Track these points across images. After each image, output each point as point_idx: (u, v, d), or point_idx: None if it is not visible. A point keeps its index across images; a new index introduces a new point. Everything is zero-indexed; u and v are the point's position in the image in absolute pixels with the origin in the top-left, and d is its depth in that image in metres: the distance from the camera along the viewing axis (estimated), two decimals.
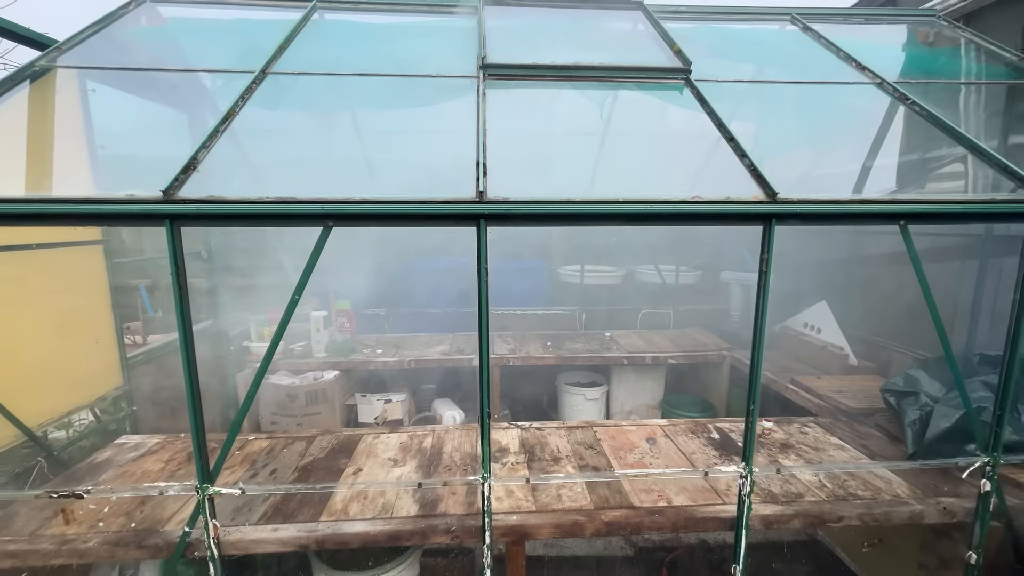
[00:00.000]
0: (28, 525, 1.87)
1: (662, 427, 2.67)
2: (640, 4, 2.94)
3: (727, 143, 1.90)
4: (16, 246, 2.23)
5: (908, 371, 2.54)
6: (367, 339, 4.32)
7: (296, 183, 1.67)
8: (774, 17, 3.07)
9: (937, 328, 1.77)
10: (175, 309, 1.54)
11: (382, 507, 1.97)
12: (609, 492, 2.07)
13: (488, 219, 1.57)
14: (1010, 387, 1.80)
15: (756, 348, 1.72)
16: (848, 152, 3.83)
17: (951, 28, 3.05)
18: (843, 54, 2.59)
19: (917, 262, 1.71)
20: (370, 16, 2.91)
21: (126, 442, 2.55)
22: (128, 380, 2.79)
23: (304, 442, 2.53)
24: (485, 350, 1.65)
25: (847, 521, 1.95)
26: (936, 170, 3.34)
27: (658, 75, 2.31)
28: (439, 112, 2.32)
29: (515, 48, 2.48)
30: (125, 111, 2.41)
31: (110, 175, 2.22)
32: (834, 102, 2.66)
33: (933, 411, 2.24)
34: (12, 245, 2.23)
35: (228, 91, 2.19)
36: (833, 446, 2.48)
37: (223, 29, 2.78)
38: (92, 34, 2.41)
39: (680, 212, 1.60)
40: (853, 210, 1.65)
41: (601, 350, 4.18)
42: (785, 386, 3.37)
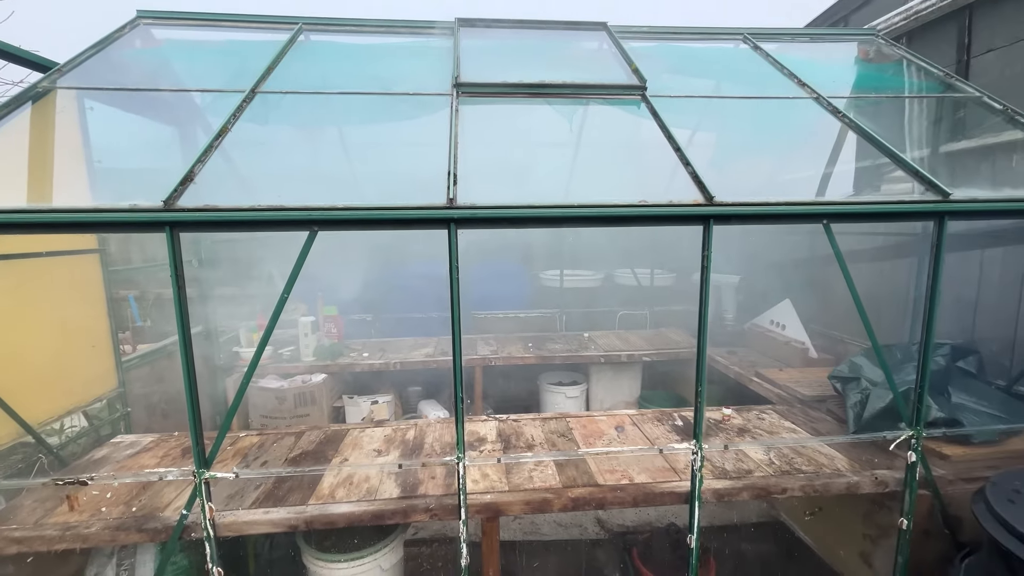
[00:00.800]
0: (32, 515, 1.99)
1: (631, 416, 2.86)
2: (603, 25, 3.18)
3: (674, 152, 2.12)
4: (18, 255, 2.37)
5: (852, 359, 2.77)
6: (354, 343, 4.47)
7: (284, 192, 1.85)
8: (728, 36, 3.34)
9: (861, 316, 1.99)
10: (175, 309, 1.70)
11: (367, 491, 2.13)
12: (577, 473, 2.25)
13: (458, 223, 1.76)
14: (927, 367, 2.02)
15: (701, 336, 1.92)
16: (805, 159, 4.12)
17: (889, 46, 3.34)
18: (787, 71, 2.84)
19: (840, 257, 1.93)
20: (353, 37, 3.12)
21: (122, 441, 2.67)
22: (123, 383, 2.91)
23: (293, 437, 2.68)
24: (458, 343, 1.83)
25: (790, 492, 2.15)
26: (889, 174, 3.61)
27: (617, 92, 2.53)
28: (417, 126, 2.51)
29: (487, 67, 2.69)
30: (121, 128, 2.57)
31: (107, 187, 2.37)
32: (783, 115, 2.91)
33: (871, 394, 2.47)
34: (14, 254, 2.36)
35: (220, 109, 2.37)
36: (786, 429, 2.69)
37: (214, 50, 2.96)
38: (90, 56, 2.57)
39: (628, 215, 1.81)
40: (781, 211, 1.87)
41: (579, 350, 4.37)
42: (750, 379, 3.59)
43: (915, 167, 2.06)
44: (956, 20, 3.38)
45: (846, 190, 4.02)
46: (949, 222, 1.94)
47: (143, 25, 2.90)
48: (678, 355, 4.31)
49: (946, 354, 2.60)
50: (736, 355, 4.11)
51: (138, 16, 2.92)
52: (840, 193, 4.06)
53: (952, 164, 3.21)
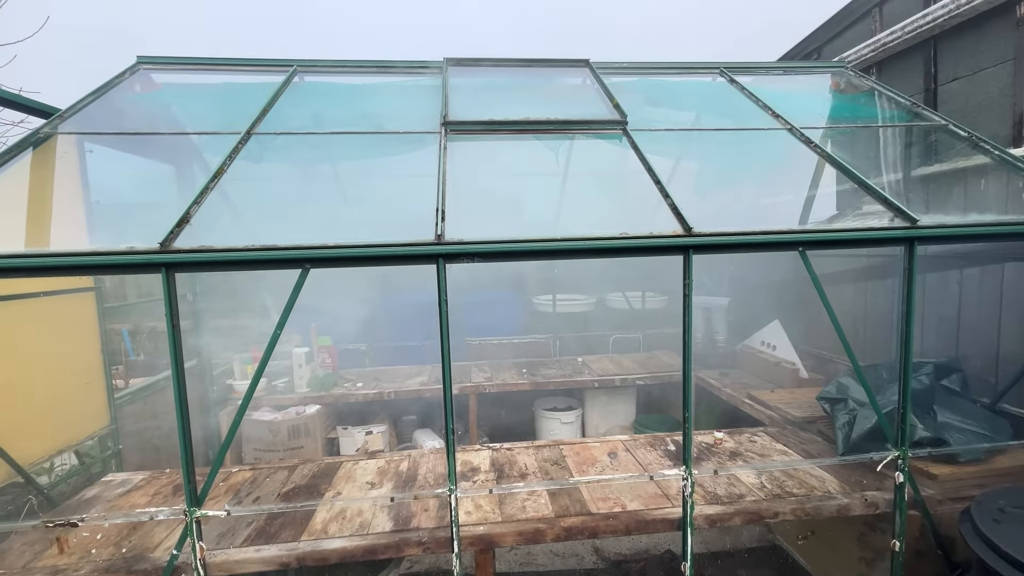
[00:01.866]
0: (21, 559, 1.97)
1: (623, 442, 2.88)
2: (586, 62, 3.32)
3: (654, 185, 2.21)
4: (15, 296, 2.40)
5: (839, 379, 2.81)
6: (348, 373, 4.48)
7: (278, 231, 1.91)
8: (705, 70, 3.49)
9: (840, 339, 2.05)
10: (169, 347, 1.74)
11: (359, 525, 2.12)
12: (570, 502, 2.25)
13: (446, 258, 1.82)
14: (908, 387, 2.06)
15: (686, 362, 1.97)
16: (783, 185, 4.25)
17: (858, 77, 3.50)
18: (762, 103, 2.97)
19: (817, 282, 2.00)
20: (346, 77, 3.24)
21: (113, 479, 2.65)
22: (115, 420, 2.91)
23: (286, 471, 2.67)
24: (447, 374, 1.87)
25: (782, 516, 2.16)
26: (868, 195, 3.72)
27: (599, 127, 2.64)
28: (407, 162, 2.61)
29: (475, 105, 2.81)
30: (121, 169, 2.65)
31: (105, 228, 2.43)
32: (760, 145, 3.03)
33: (858, 414, 2.50)
34: (11, 295, 2.40)
35: (217, 148, 2.45)
36: (778, 452, 2.71)
37: (211, 93, 3.07)
38: (91, 101, 2.67)
39: (612, 247, 1.88)
40: (758, 240, 1.94)
41: (573, 374, 4.40)
42: (742, 401, 3.61)
43: (884, 195, 2.15)
44: (922, 51, 3.56)
45: (829, 211, 4.15)
46: (921, 246, 2.02)
47: (143, 70, 3.01)
48: (672, 378, 4.34)
49: (930, 373, 2.65)
50: (728, 377, 4.14)
51: (138, 62, 3.03)
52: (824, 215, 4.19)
53: (923, 188, 3.33)
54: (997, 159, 2.59)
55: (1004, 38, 2.97)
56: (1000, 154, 2.57)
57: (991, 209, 2.80)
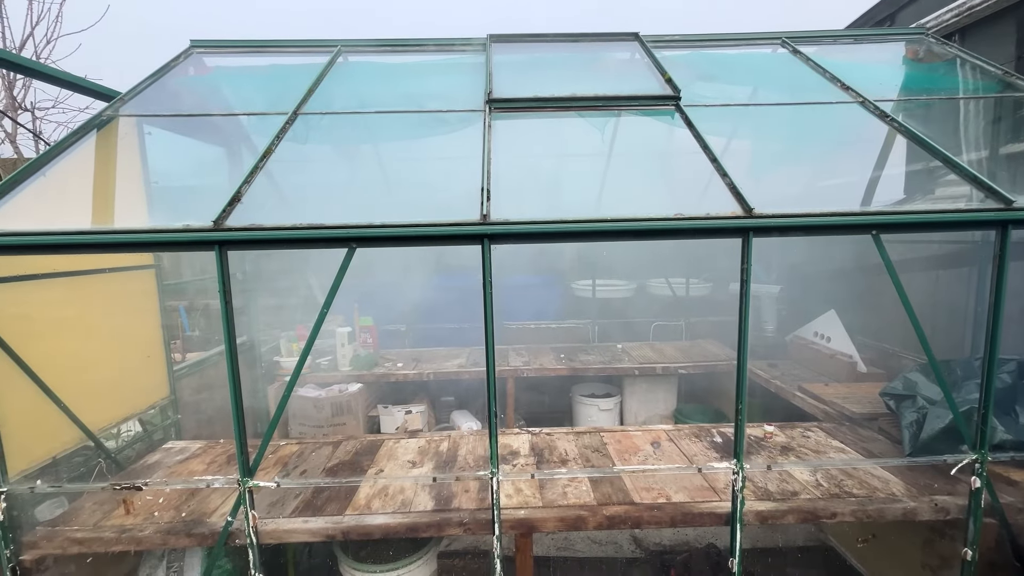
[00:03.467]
0: (92, 517, 2.11)
1: (667, 432, 2.79)
2: (635, 35, 3.16)
3: (711, 163, 2.07)
4: (83, 271, 2.54)
5: (907, 375, 2.61)
6: (389, 353, 4.55)
7: (324, 210, 1.92)
8: (765, 41, 3.25)
9: (917, 332, 1.88)
10: (222, 322, 1.78)
11: (401, 503, 2.15)
12: (612, 490, 2.21)
13: (491, 238, 1.78)
14: (992, 385, 1.88)
15: (741, 351, 1.86)
16: (848, 164, 3.95)
17: (940, 45, 3.17)
18: (829, 75, 2.74)
19: (892, 269, 1.83)
20: (389, 56, 3.22)
21: (172, 446, 2.80)
22: (174, 391, 3.07)
23: (331, 447, 2.74)
24: (491, 357, 1.84)
25: (840, 517, 2.04)
26: (943, 177, 3.41)
27: (650, 103, 2.51)
28: (451, 141, 2.56)
29: (519, 82, 2.72)
30: (176, 151, 2.73)
31: (163, 207, 2.52)
32: (825, 120, 2.80)
33: (928, 413, 2.32)
34: (79, 271, 2.54)
35: (265, 130, 2.48)
36: (834, 449, 2.56)
37: (260, 75, 3.12)
38: (148, 84, 2.76)
39: (665, 228, 1.78)
40: (825, 222, 1.79)
41: (613, 361, 4.31)
42: (793, 393, 3.44)
43: (972, 172, 1.94)
44: (1015, 15, 3.19)
45: (896, 195, 3.83)
46: (1013, 231, 1.81)
47: (196, 54, 3.09)
48: (715, 368, 4.18)
49: (1012, 371, 2.41)
50: (777, 368, 3.95)
51: (191, 46, 3.11)
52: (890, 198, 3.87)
53: (1013, 167, 3.01)
54: None
55: None
56: None
57: None
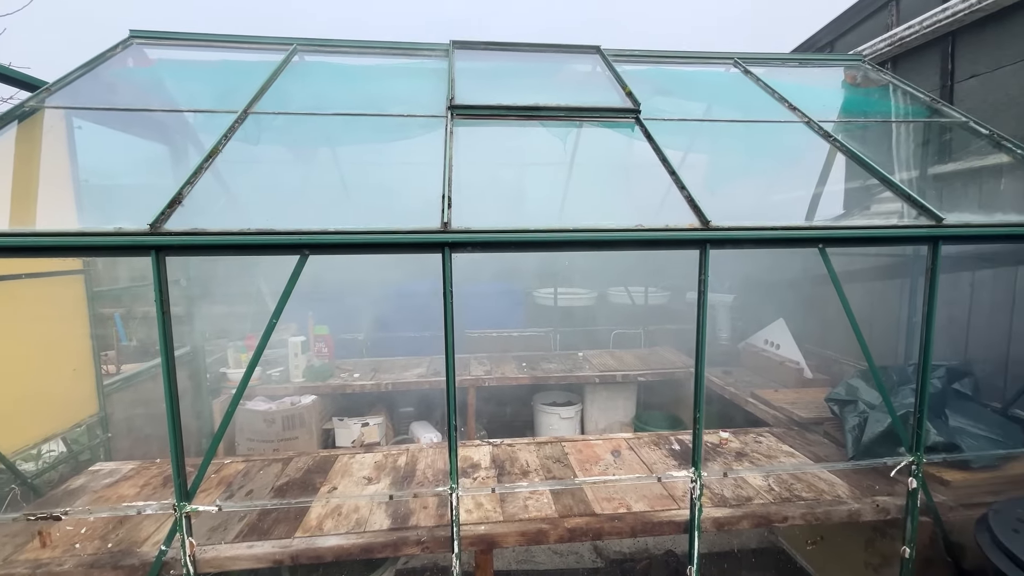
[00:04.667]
0: (2, 551, 1.89)
1: (627, 440, 2.81)
2: (597, 48, 3.22)
3: (669, 176, 2.12)
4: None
5: (849, 381, 2.75)
6: (345, 363, 4.39)
7: (275, 214, 1.82)
8: (719, 60, 3.39)
9: (859, 340, 1.98)
10: (158, 335, 1.65)
11: (356, 522, 2.05)
12: (573, 502, 2.19)
13: (452, 247, 1.73)
14: (926, 391, 2.00)
15: (699, 361, 1.90)
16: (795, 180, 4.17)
17: (875, 71, 3.41)
18: (777, 95, 2.88)
19: (836, 280, 1.93)
20: (348, 58, 3.12)
21: (100, 469, 2.57)
22: (104, 407, 2.82)
23: (280, 464, 2.59)
24: (451, 368, 1.79)
25: (792, 521, 2.10)
26: (878, 195, 3.64)
27: (611, 115, 2.54)
28: (411, 146, 2.50)
29: (482, 89, 2.70)
30: (111, 147, 2.54)
31: (95, 208, 2.32)
32: (774, 137, 2.94)
33: (869, 417, 2.44)
34: None
35: (212, 128, 2.34)
36: (784, 453, 2.65)
37: (208, 70, 2.95)
38: (81, 75, 2.54)
39: (624, 239, 1.79)
40: (777, 235, 1.86)
41: (574, 369, 4.33)
42: (745, 399, 3.56)
43: (908, 192, 2.07)
44: (939, 46, 3.46)
45: (837, 210, 4.07)
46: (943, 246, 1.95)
47: (136, 44, 2.89)
48: (673, 375, 4.28)
49: (942, 376, 2.59)
50: (731, 375, 4.08)
51: (131, 36, 2.90)
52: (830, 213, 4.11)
53: (939, 187, 3.25)
54: (1020, 158, 2.51)
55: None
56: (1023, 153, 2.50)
57: (1009, 209, 2.72)
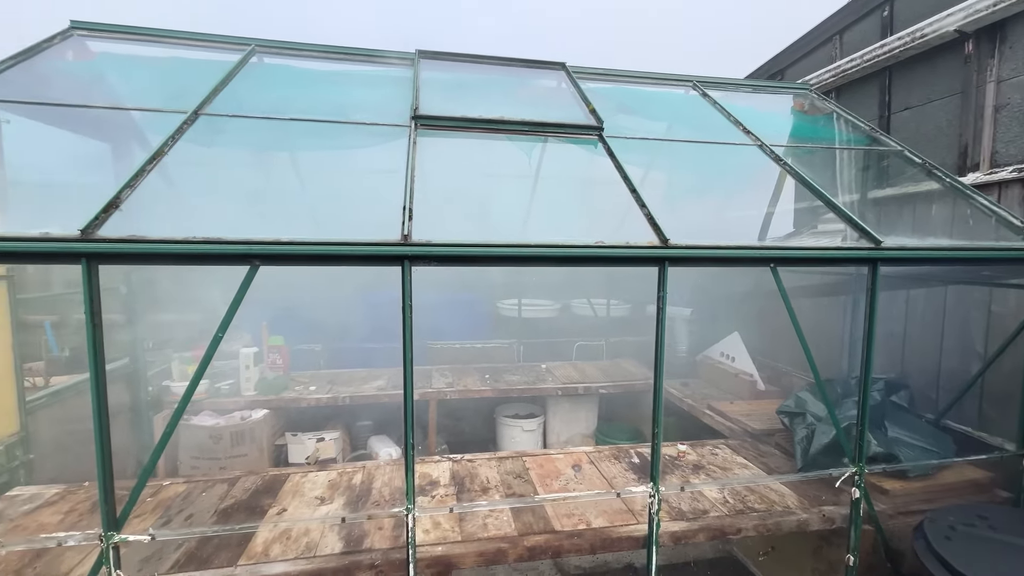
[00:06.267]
0: None
1: (588, 454, 2.82)
2: (563, 65, 3.27)
3: (631, 194, 2.16)
4: None
5: (798, 394, 2.87)
6: (301, 376, 4.22)
7: (226, 222, 1.72)
8: (678, 82, 3.51)
9: (806, 355, 2.06)
10: (87, 348, 1.52)
11: (306, 546, 1.95)
12: (533, 519, 2.16)
13: (412, 260, 1.69)
14: (867, 404, 2.10)
15: (657, 376, 1.92)
16: (749, 199, 4.36)
17: (821, 100, 3.62)
18: (732, 118, 3.01)
19: (786, 298, 2.01)
20: (310, 62, 3.04)
21: (20, 494, 2.34)
22: (26, 425, 2.58)
23: (226, 484, 2.44)
24: (409, 384, 1.74)
25: (745, 532, 2.15)
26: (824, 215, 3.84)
27: (575, 131, 2.58)
28: (372, 155, 2.45)
29: (447, 100, 2.68)
30: (44, 144, 2.36)
31: (22, 209, 2.14)
32: (729, 158, 3.07)
33: (816, 429, 2.55)
34: None
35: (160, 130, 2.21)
36: (739, 465, 2.72)
37: (156, 67, 2.80)
38: (11, 66, 2.36)
39: (585, 255, 1.81)
40: (732, 255, 1.93)
41: (537, 381, 4.32)
42: (703, 412, 3.65)
43: (848, 214, 2.19)
44: (878, 79, 3.72)
45: (787, 228, 4.28)
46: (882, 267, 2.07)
47: (77, 36, 2.71)
48: (634, 386, 4.34)
49: (880, 388, 2.74)
50: (689, 387, 4.18)
51: (71, 27, 2.72)
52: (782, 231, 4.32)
53: (878, 210, 3.47)
54: (948, 186, 2.71)
55: (953, 72, 3.13)
56: (951, 182, 2.70)
57: (938, 233, 2.94)
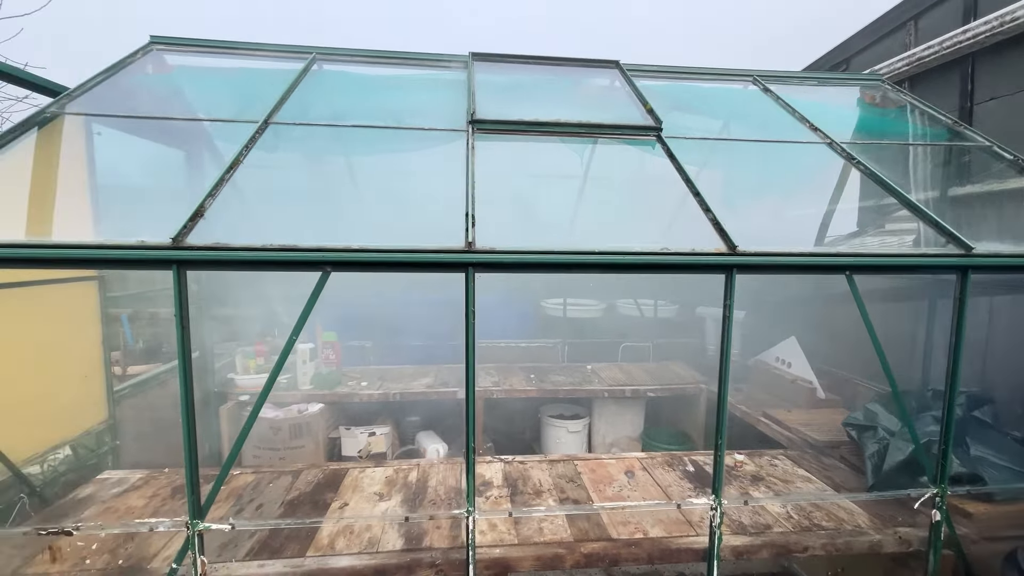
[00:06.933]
0: (10, 563, 1.86)
1: (640, 460, 2.78)
2: (616, 63, 3.20)
3: (693, 198, 2.10)
4: (10, 284, 2.28)
5: (867, 406, 2.71)
6: (352, 371, 4.36)
7: (296, 229, 1.80)
8: (738, 78, 3.37)
9: (883, 367, 1.94)
10: (177, 349, 1.62)
11: (368, 541, 2.02)
12: (589, 525, 2.15)
13: (476, 267, 1.71)
14: (951, 422, 1.97)
15: (722, 387, 1.87)
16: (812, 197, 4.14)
17: (895, 91, 3.39)
18: (798, 115, 2.86)
19: (863, 307, 1.90)
20: (367, 68, 3.12)
21: (108, 477, 2.54)
22: (113, 414, 2.79)
23: (290, 476, 2.56)
24: (471, 388, 1.77)
25: (812, 551, 2.06)
26: (893, 213, 3.61)
27: (632, 132, 2.53)
28: (430, 159, 2.49)
29: (501, 103, 2.69)
30: (130, 154, 2.53)
31: (112, 217, 2.31)
32: (789, 156, 2.92)
33: (889, 444, 2.41)
34: (6, 283, 2.27)
35: (229, 135, 2.33)
36: (800, 478, 2.61)
37: (226, 78, 2.94)
38: (100, 82, 2.54)
39: (650, 263, 1.77)
40: (805, 262, 1.84)
41: (583, 383, 4.29)
42: (757, 419, 3.52)
43: (937, 220, 2.04)
44: (959, 67, 3.44)
45: (850, 227, 4.05)
46: None
47: (156, 51, 2.88)
48: (684, 391, 4.24)
49: (962, 403, 2.55)
50: (741, 392, 4.04)
51: (151, 42, 2.90)
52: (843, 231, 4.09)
53: (957, 210, 3.23)
54: None
55: None
56: None
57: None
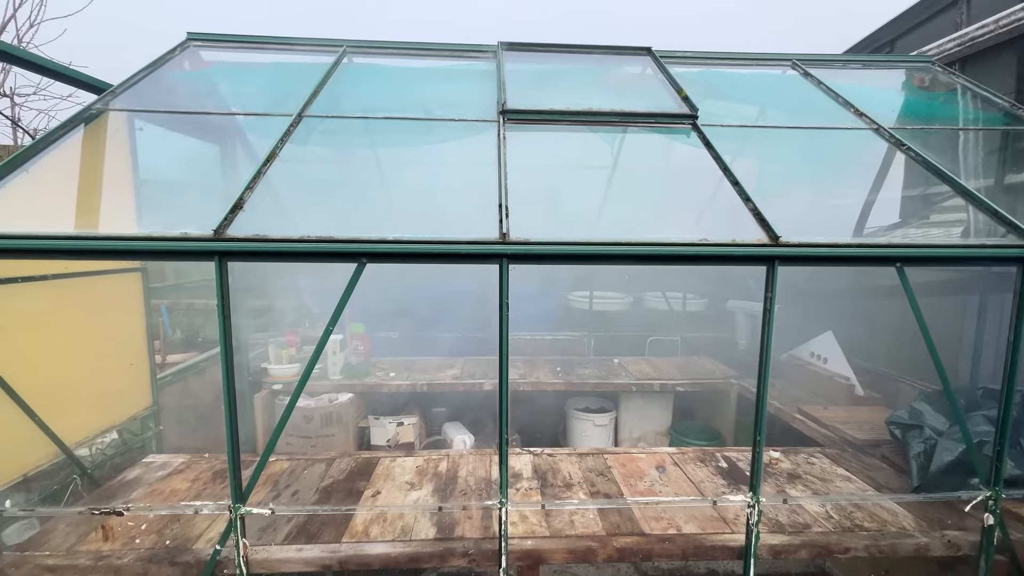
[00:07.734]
0: (65, 541, 1.96)
1: (671, 455, 2.74)
2: (648, 50, 3.12)
3: (732, 186, 2.03)
4: (61, 275, 2.38)
5: (913, 404, 2.60)
6: (380, 362, 4.42)
7: (332, 220, 1.82)
8: (776, 62, 3.25)
9: (935, 364, 1.85)
10: (219, 337, 1.67)
11: (401, 530, 2.05)
12: (620, 519, 2.13)
13: (511, 258, 1.70)
14: (1008, 422, 1.87)
15: (761, 383, 1.81)
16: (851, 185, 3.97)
17: (946, 74, 3.21)
18: (841, 100, 2.74)
19: (914, 301, 1.81)
20: (396, 60, 3.12)
21: (153, 461, 2.65)
22: (157, 400, 2.90)
23: (324, 464, 2.62)
24: (505, 381, 1.76)
25: (854, 552, 2.00)
26: (939, 203, 3.43)
27: (667, 120, 2.46)
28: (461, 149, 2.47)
29: (532, 92, 2.65)
30: (170, 148, 2.60)
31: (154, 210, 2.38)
32: (829, 143, 2.80)
33: (937, 444, 2.30)
34: (58, 274, 2.37)
35: (263, 129, 2.37)
36: (840, 477, 2.53)
37: (260, 72, 2.99)
38: (142, 78, 2.61)
39: (689, 254, 1.72)
40: (851, 253, 1.76)
41: (610, 376, 4.25)
42: (792, 416, 3.42)
43: (994, 208, 1.93)
44: (1015, 47, 3.23)
45: (890, 218, 3.87)
46: None
47: (192, 47, 2.95)
48: (713, 386, 4.15)
49: (1018, 403, 2.42)
50: (775, 388, 3.93)
51: (188, 39, 2.96)
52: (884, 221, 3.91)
53: (1012, 197, 3.04)
54: None
55: None
56: None
57: None
